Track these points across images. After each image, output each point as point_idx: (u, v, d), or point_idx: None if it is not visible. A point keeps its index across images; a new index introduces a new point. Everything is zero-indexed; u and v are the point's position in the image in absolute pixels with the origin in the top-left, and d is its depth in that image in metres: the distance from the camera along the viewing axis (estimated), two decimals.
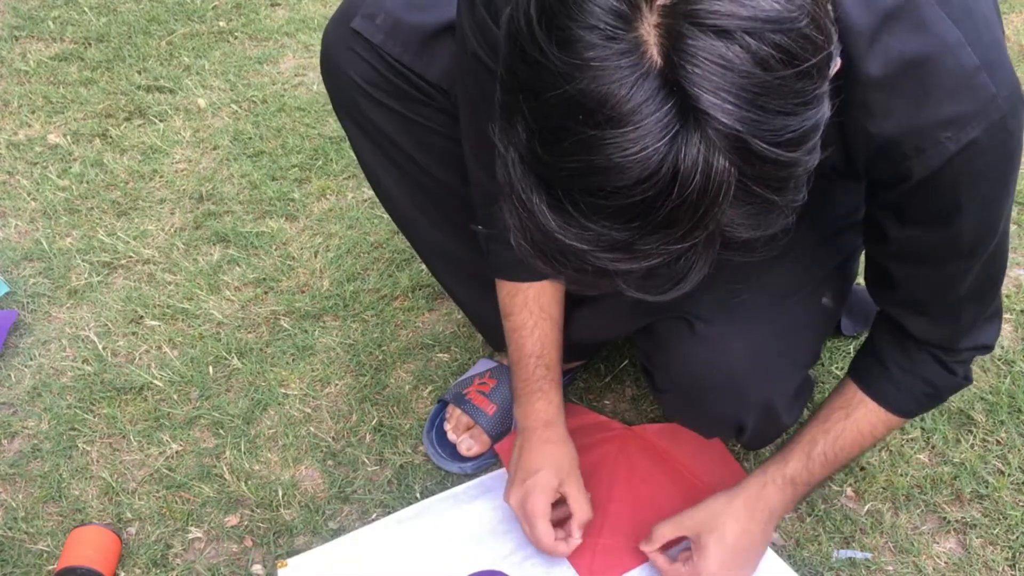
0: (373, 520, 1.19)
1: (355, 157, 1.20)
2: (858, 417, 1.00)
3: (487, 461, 1.27)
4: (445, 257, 1.25)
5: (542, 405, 1.11)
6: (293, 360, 1.42)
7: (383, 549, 1.15)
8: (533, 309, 1.09)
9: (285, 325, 1.47)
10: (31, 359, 1.44)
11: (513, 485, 1.09)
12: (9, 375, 1.42)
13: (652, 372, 1.14)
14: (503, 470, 1.23)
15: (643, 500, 1.18)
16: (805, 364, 1.11)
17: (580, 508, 1.08)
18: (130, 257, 1.61)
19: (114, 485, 1.25)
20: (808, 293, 1.07)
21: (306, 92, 2.02)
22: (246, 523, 1.20)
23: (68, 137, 1.90)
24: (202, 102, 1.99)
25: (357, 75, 1.07)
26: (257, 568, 1.15)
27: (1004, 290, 1.46)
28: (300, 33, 2.22)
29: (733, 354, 1.03)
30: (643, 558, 1.11)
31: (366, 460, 1.27)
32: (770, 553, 1.11)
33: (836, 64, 0.61)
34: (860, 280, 1.08)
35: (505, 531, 1.15)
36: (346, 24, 1.07)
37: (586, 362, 1.38)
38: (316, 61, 2.15)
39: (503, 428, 1.27)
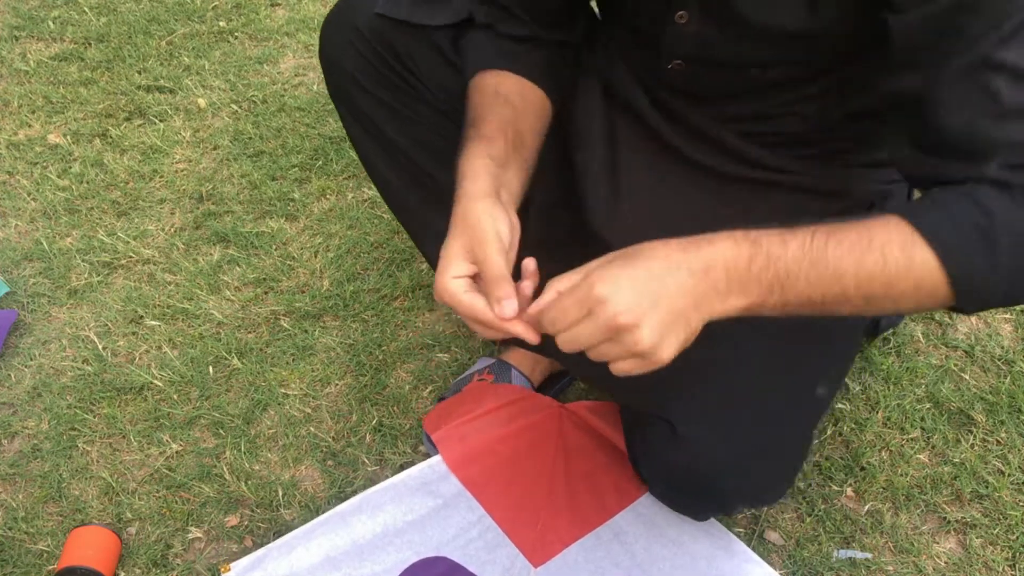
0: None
1: (349, 142, 1.20)
2: (875, 230, 0.74)
3: None
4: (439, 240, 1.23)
5: (459, 161, 0.90)
6: (293, 360, 1.42)
7: (326, 544, 1.15)
8: (488, 93, 0.96)
9: (285, 325, 1.47)
10: (31, 359, 1.44)
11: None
12: (9, 375, 1.42)
13: (638, 461, 1.09)
14: (439, 459, 1.23)
15: (581, 476, 1.20)
16: (793, 457, 1.03)
17: (490, 266, 0.82)
18: (130, 257, 1.61)
19: (114, 485, 1.25)
20: (801, 384, 0.99)
21: (306, 92, 2.02)
22: (246, 523, 1.20)
23: (68, 137, 1.90)
24: (202, 102, 1.99)
25: (352, 67, 1.10)
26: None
27: None
28: (300, 33, 2.22)
29: (716, 463, 0.96)
30: (583, 532, 1.12)
31: (366, 460, 1.27)
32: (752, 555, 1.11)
33: None
34: None
35: (446, 516, 1.16)
36: (344, 16, 1.10)
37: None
38: (316, 61, 2.15)
39: None
